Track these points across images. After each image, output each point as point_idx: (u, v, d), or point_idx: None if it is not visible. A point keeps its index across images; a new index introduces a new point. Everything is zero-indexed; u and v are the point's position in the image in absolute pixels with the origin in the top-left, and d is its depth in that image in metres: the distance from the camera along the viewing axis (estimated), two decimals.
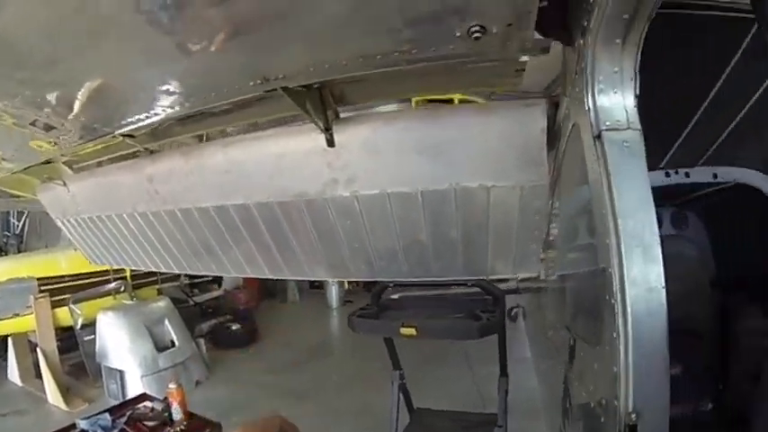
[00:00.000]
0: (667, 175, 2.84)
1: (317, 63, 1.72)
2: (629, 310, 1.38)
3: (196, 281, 10.78)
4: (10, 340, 8.39)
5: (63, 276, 8.37)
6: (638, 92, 1.52)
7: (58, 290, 8.21)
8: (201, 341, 8.83)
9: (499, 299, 3.19)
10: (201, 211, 3.27)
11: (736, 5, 1.88)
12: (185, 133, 2.92)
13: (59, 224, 5.03)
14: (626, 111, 1.52)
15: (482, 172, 2.32)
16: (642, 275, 1.40)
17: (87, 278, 8.50)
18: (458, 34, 1.43)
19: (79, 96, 2.29)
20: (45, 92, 2.26)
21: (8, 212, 11.72)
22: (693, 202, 3.28)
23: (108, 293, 8.59)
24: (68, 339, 8.31)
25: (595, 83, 1.51)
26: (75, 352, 8.34)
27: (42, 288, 8.05)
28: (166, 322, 8.01)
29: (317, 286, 13.51)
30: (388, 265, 2.93)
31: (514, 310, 8.09)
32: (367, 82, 1.98)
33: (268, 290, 13.50)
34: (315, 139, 2.39)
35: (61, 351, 8.05)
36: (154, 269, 4.59)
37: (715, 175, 2.83)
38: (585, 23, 1.46)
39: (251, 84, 1.88)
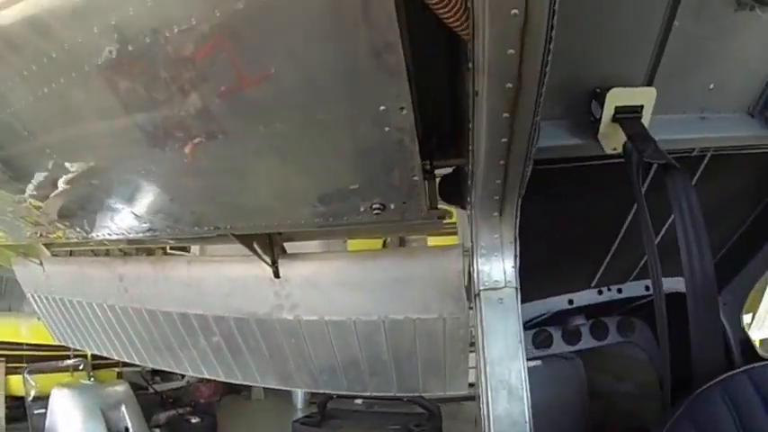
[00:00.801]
0: (600, 292, 3.02)
1: (255, 223, 2.07)
2: None
3: (157, 368, 10.49)
4: None
5: (21, 344, 8.36)
6: (518, 252, 1.78)
7: (15, 357, 8.19)
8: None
9: (434, 413, 3.38)
10: (165, 314, 3.55)
11: None
12: (154, 244, 3.25)
13: (29, 297, 5.20)
14: (504, 272, 1.78)
15: (407, 306, 2.60)
16: (506, 413, 1.63)
17: (46, 350, 8.35)
18: (362, 209, 1.74)
19: (62, 209, 2.65)
20: (35, 201, 2.59)
21: None
22: (641, 309, 3.40)
23: (66, 369, 8.40)
24: (17, 409, 8.10)
25: (478, 248, 1.79)
26: (23, 423, 8.01)
27: None
28: (123, 408, 7.77)
29: None
30: (329, 379, 3.17)
31: None
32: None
33: (232, 384, 13.11)
34: (264, 269, 2.71)
35: (8, 420, 7.91)
36: (116, 358, 4.76)
37: (647, 287, 3.00)
38: (469, 199, 1.75)
39: (205, 229, 2.21)
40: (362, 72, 1.21)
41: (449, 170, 1.98)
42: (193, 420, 9.47)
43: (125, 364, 9.09)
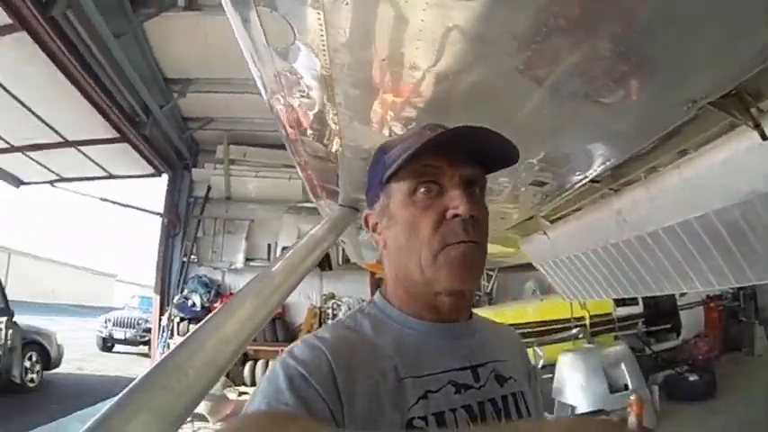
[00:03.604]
0: None
1: (726, 75, 2.16)
2: None
3: (653, 329, 10.74)
4: None
5: (530, 323, 9.93)
6: None
7: (525, 334, 9.37)
8: (656, 389, 8.61)
9: None
10: (667, 230, 3.78)
11: None
12: (638, 169, 3.63)
13: (540, 268, 6.22)
14: None
15: None
16: None
17: (550, 325, 9.91)
18: None
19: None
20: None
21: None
22: None
23: (568, 339, 9.52)
24: None
25: None
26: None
27: None
28: (622, 366, 8.25)
29: None
30: None
31: None
32: None
33: (732, 341, 12.05)
34: (750, 137, 2.65)
35: None
36: (618, 296, 5.24)
37: None
38: None
39: (684, 108, 2.36)
40: None
41: None
42: (691, 378, 9.28)
43: (620, 329, 10.21)
